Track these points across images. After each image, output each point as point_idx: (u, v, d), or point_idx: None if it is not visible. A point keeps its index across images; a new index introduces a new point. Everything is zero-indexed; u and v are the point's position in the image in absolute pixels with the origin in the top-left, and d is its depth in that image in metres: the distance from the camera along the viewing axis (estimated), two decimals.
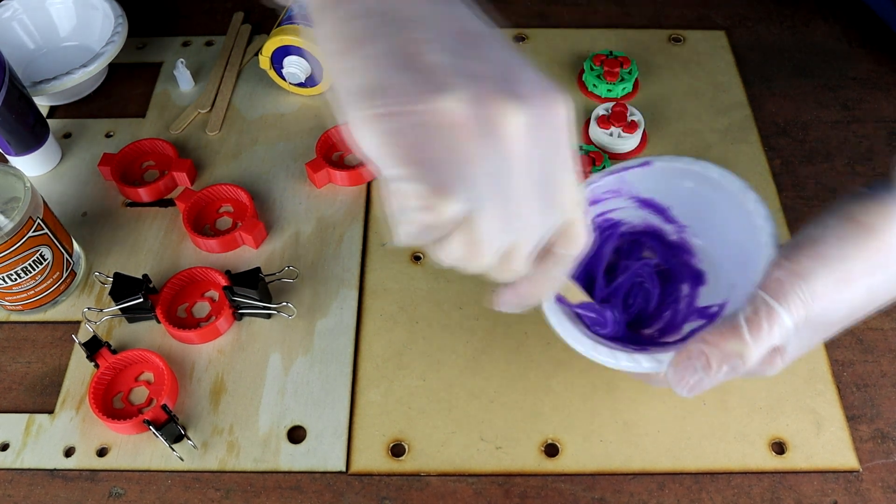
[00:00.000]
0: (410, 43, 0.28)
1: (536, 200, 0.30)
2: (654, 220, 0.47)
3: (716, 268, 0.46)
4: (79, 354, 0.52)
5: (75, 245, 0.55)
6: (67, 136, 0.64)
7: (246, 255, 0.56)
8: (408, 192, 0.29)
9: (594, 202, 0.46)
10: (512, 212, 0.30)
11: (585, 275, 0.47)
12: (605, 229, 0.48)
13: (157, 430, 0.46)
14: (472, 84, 0.28)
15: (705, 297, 0.45)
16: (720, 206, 0.44)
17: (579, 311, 0.43)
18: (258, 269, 0.51)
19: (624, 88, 0.64)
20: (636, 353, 0.40)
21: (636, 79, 0.65)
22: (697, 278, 0.46)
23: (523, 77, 0.29)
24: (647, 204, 0.47)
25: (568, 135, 0.31)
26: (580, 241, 0.33)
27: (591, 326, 0.44)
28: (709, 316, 0.44)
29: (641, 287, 0.47)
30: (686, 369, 0.37)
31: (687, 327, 0.45)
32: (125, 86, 0.68)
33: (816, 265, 0.35)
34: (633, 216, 0.48)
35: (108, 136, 0.64)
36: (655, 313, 0.47)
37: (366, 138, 0.29)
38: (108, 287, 0.54)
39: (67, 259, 0.53)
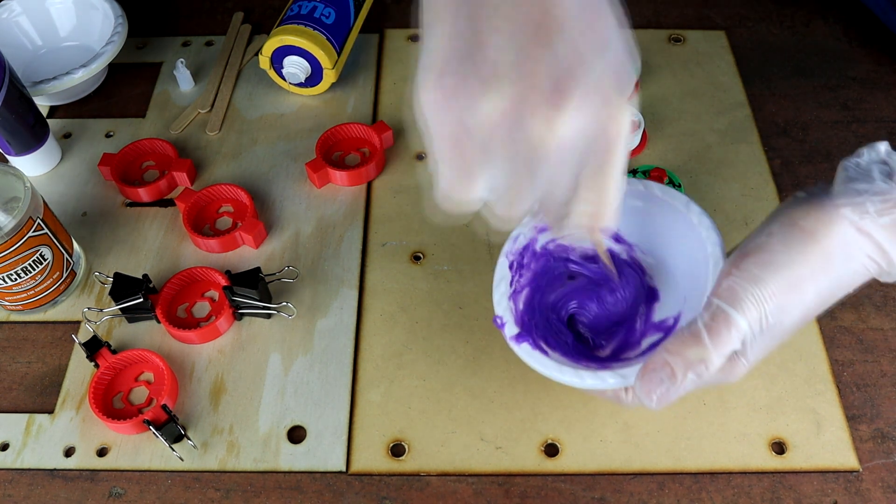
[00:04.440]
0: (479, 32, 0.30)
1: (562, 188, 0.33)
2: (605, 242, 0.47)
3: (667, 283, 0.46)
4: (79, 354, 0.52)
5: (75, 245, 0.55)
6: (67, 136, 0.64)
7: (246, 255, 0.56)
8: (436, 171, 0.33)
9: (543, 230, 0.46)
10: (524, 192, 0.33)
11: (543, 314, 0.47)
12: (558, 259, 0.47)
13: (157, 430, 0.46)
14: (520, 84, 0.29)
15: (660, 311, 0.45)
16: (665, 221, 0.44)
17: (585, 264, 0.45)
18: (258, 269, 0.51)
19: None
20: (600, 370, 0.40)
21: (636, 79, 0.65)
22: (651, 295, 0.46)
23: (585, 79, 0.29)
24: None
25: (617, 143, 0.31)
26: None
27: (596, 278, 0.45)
28: (666, 329, 0.44)
29: (580, 310, 0.47)
30: (652, 381, 0.37)
31: (646, 342, 0.45)
32: (125, 86, 0.68)
33: (765, 272, 0.35)
34: (584, 240, 0.47)
35: (108, 136, 0.64)
36: (607, 332, 0.46)
37: (419, 111, 0.31)
38: (108, 287, 0.54)
39: (67, 259, 0.53)
